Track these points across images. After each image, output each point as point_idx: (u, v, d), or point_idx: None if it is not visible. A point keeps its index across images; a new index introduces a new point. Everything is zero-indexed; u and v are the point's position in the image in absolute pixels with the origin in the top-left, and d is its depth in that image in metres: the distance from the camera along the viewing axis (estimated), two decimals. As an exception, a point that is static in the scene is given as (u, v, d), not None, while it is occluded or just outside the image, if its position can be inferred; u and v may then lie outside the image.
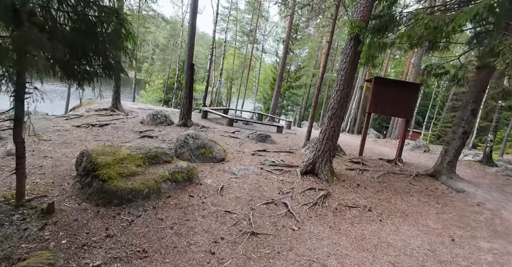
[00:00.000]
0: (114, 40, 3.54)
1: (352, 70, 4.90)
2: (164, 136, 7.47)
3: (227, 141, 7.65)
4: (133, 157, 3.91)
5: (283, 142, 8.84)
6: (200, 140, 5.66)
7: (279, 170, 5.45)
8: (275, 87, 15.45)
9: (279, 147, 7.80)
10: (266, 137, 8.36)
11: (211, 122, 11.08)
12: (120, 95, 10.82)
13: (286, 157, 6.58)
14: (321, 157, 5.24)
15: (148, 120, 8.82)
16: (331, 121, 5.10)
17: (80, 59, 3.33)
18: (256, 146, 7.52)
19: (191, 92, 9.04)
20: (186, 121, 9.03)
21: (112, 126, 7.91)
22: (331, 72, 30.02)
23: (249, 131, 9.33)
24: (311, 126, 7.81)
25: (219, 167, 5.34)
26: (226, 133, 8.75)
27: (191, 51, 8.74)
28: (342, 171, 5.82)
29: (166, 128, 8.52)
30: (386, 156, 8.87)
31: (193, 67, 8.82)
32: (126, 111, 10.74)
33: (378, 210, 4.04)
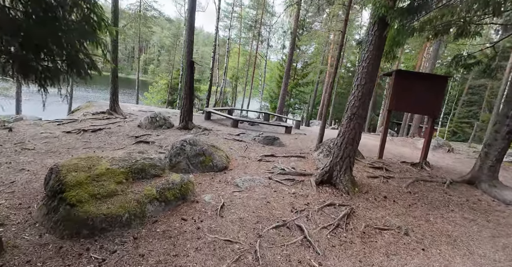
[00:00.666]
0: (82, 29, 2.84)
1: (376, 60, 4.09)
2: (161, 140, 6.80)
3: (230, 145, 6.93)
4: (113, 172, 3.21)
5: (293, 144, 8.06)
6: (198, 146, 4.95)
7: (290, 179, 4.69)
8: (282, 85, 14.66)
9: (288, 151, 7.03)
10: (274, 139, 7.60)
11: (214, 124, 10.38)
12: (118, 97, 10.23)
13: (297, 163, 5.81)
14: (339, 164, 4.45)
15: (146, 123, 8.17)
16: (351, 123, 4.30)
17: (38, 53, 2.65)
18: (263, 150, 6.77)
19: (192, 92, 8.35)
20: (187, 123, 8.35)
21: (106, 131, 7.29)
22: (339, 68, 28.96)
23: (255, 133, 8.59)
24: (323, 127, 7.01)
25: (220, 177, 4.62)
26: (230, 136, 8.02)
27: (191, 48, 8.04)
28: (364, 179, 5.01)
29: (165, 132, 7.85)
30: (408, 158, 7.99)
31: (193, 65, 8.13)
32: (124, 114, 10.15)
33: (417, 234, 3.24)
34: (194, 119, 11.00)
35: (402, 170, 5.93)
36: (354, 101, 4.22)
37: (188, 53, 7.94)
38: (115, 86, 9.97)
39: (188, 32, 7.94)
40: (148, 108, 13.77)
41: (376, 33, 3.98)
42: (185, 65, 8.01)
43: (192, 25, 8.03)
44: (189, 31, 7.92)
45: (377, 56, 4.07)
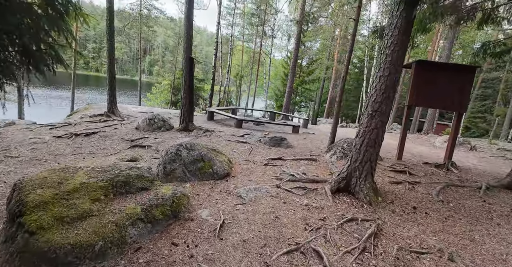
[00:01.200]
0: (43, 14, 2.29)
1: (402, 47, 3.44)
2: (159, 144, 6.26)
3: (234, 148, 6.35)
4: (90, 187, 2.66)
5: (302, 145, 7.44)
6: (196, 151, 4.38)
7: (302, 187, 4.08)
8: (288, 83, 14.01)
9: (297, 153, 6.41)
10: (281, 140, 6.99)
11: (217, 124, 9.82)
12: (116, 99, 9.76)
13: (308, 167, 5.19)
14: (358, 170, 3.83)
15: (144, 125, 7.66)
16: (372, 121, 3.67)
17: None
18: (270, 153, 6.18)
19: (192, 91, 7.80)
20: (187, 125, 7.81)
21: (101, 135, 6.79)
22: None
23: (260, 134, 7.99)
24: (335, 126, 6.37)
25: (221, 186, 4.04)
26: (233, 137, 7.45)
27: (189, 43, 7.48)
28: (386, 186, 4.37)
29: (163, 134, 7.32)
30: (428, 158, 7.29)
31: (192, 61, 7.57)
32: (123, 116, 9.67)
33: (465, 259, 2.60)
34: (197, 120, 10.48)
35: (427, 173, 5.25)
36: (376, 96, 3.59)
37: (186, 48, 7.38)
38: (113, 88, 9.50)
39: (186, 26, 7.38)
40: (150, 109, 13.30)
41: (403, 14, 3.33)
42: (184, 62, 7.47)
43: (190, 18, 7.47)
44: (187, 24, 7.36)
45: (402, 42, 3.42)
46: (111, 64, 9.27)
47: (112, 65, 9.30)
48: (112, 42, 9.20)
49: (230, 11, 22.09)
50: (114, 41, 9.35)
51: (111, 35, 9.12)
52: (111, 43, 9.16)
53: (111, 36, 9.12)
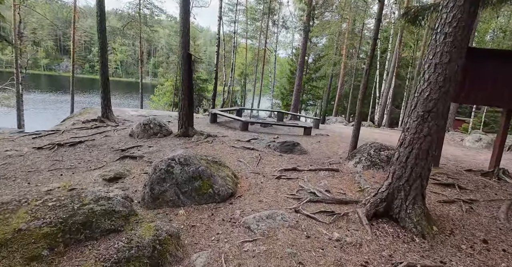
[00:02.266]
0: None
1: (469, 21, 2.49)
2: (153, 154, 5.42)
3: (239, 156, 5.47)
4: (28, 237, 1.81)
5: (317, 150, 6.51)
6: (192, 166, 3.50)
7: (328, 212, 3.17)
8: (296, 80, 13.07)
9: (313, 160, 5.49)
10: (293, 146, 6.07)
11: (221, 127, 8.95)
12: (110, 102, 8.97)
13: (330, 180, 4.27)
14: (404, 190, 2.90)
15: (139, 132, 6.84)
16: (424, 125, 2.73)
17: None
18: (282, 161, 5.27)
19: (191, 91, 6.94)
20: (186, 130, 6.95)
21: (88, 144, 5.99)
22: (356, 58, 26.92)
23: (268, 138, 7.08)
24: (358, 128, 5.41)
25: (224, 212, 3.16)
26: (238, 143, 6.56)
27: (187, 38, 6.62)
28: (436, 207, 3.42)
29: (160, 141, 6.48)
30: (466, 163, 6.28)
31: (190, 58, 6.71)
32: (118, 121, 8.88)
33: None
34: (199, 123, 9.63)
35: (478, 186, 4.27)
36: (430, 91, 2.64)
37: (183, 44, 6.52)
38: (106, 91, 8.72)
39: (183, 18, 6.52)
40: (150, 112, 12.53)
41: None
42: (181, 60, 6.61)
43: (186, 9, 6.60)
44: (183, 17, 6.50)
45: (470, 15, 2.47)
46: (103, 65, 8.48)
47: (104, 66, 8.52)
48: (104, 41, 8.41)
49: (232, 8, 21.19)
50: (106, 40, 8.56)
51: (103, 33, 8.33)
52: (103, 42, 8.37)
53: (103, 35, 8.33)
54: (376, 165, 4.65)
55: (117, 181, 4.01)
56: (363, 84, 5.18)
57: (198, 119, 10.80)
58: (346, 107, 33.48)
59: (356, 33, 28.74)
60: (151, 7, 20.09)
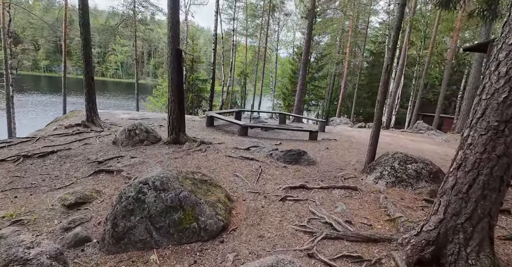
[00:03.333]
0: None
1: None
2: (134, 167, 4.59)
3: (236, 168, 4.63)
4: None
5: (326, 159, 5.66)
6: (171, 192, 2.66)
7: (353, 257, 2.33)
8: (299, 80, 12.22)
9: (324, 173, 4.65)
10: (299, 155, 5.22)
11: (218, 131, 8.12)
12: (96, 105, 8.16)
13: (348, 202, 3.42)
14: (464, 231, 2.05)
15: (122, 139, 6.01)
16: (497, 142, 1.88)
17: None
18: (286, 175, 4.43)
19: (182, 92, 6.10)
20: (177, 136, 6.12)
21: (62, 154, 5.16)
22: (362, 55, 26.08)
23: (270, 144, 6.23)
24: (377, 134, 4.55)
25: (211, 258, 2.32)
26: (236, 151, 5.72)
27: (176, 31, 5.79)
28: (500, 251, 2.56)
29: (146, 150, 5.65)
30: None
31: (180, 55, 5.87)
32: (104, 125, 8.06)
33: None
34: (194, 127, 8.81)
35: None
36: (510, 92, 1.79)
37: (172, 38, 5.68)
38: (91, 92, 7.90)
39: (171, 7, 5.67)
40: (143, 115, 11.70)
41: None
42: (169, 56, 5.78)
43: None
44: (172, 6, 5.65)
45: None
46: (87, 64, 7.66)
47: (88, 65, 7.69)
48: (87, 36, 7.58)
49: (231, 4, 20.33)
50: (90, 36, 7.73)
51: (86, 29, 7.52)
52: (86, 38, 7.55)
53: (86, 30, 7.51)
54: (402, 182, 3.80)
55: (79, 207, 3.18)
56: (383, 82, 4.32)
57: (194, 122, 9.98)
58: (349, 108, 32.62)
59: (359, 30, 27.87)
60: (146, 5, 19.30)
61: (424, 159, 3.98)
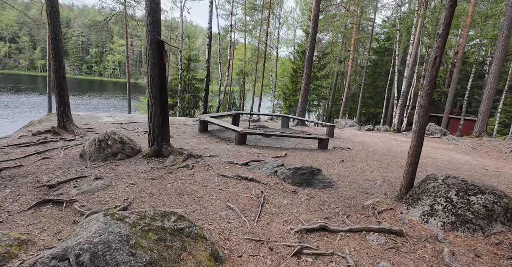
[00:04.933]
0: None
1: None
2: (94, 194, 3.43)
3: (230, 195, 3.48)
4: None
5: (345, 178, 4.51)
6: (110, 273, 1.50)
7: None
8: (303, 78, 11.06)
9: (347, 201, 3.51)
10: (311, 174, 4.08)
11: (211, 139, 6.97)
12: (69, 108, 7.00)
13: (396, 261, 2.27)
14: None
15: (92, 151, 4.85)
16: None
17: None
18: (298, 206, 3.28)
19: (164, 93, 4.95)
20: (159, 147, 4.97)
21: (6, 174, 4.00)
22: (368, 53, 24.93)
23: (274, 159, 5.06)
24: (418, 152, 3.39)
25: None
26: (232, 167, 4.58)
27: (155, 17, 4.63)
28: None
29: (118, 166, 4.50)
30: None
31: (162, 47, 4.71)
32: (79, 132, 6.89)
33: None
34: (186, 132, 7.67)
35: None
36: None
37: (151, 25, 4.53)
38: (62, 93, 6.73)
39: (149, -11, 4.53)
40: (130, 118, 10.53)
41: None
42: (148, 49, 4.63)
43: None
44: (149, -13, 4.50)
45: None
46: (56, 59, 6.49)
47: (58, 61, 6.52)
48: (56, 28, 6.42)
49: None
50: (60, 27, 6.56)
51: (54, 18, 6.36)
52: (55, 29, 6.38)
53: (54, 19, 6.36)
54: (467, 223, 2.65)
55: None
56: (429, 79, 3.18)
57: (186, 127, 8.83)
58: (352, 108, 31.48)
59: (362, 28, 26.73)
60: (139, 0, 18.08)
61: (493, 188, 2.84)
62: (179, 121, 10.43)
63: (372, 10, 22.84)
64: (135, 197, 3.37)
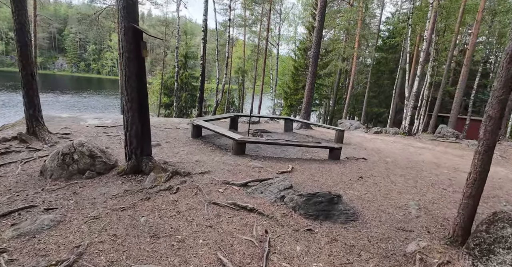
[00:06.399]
0: None
1: None
2: (37, 237, 2.48)
3: (223, 238, 2.54)
4: None
5: (369, 202, 3.58)
6: None
7: None
8: (308, 77, 10.11)
9: (380, 244, 2.57)
10: (330, 203, 3.14)
11: (205, 147, 6.02)
12: (40, 111, 6.03)
13: None
14: None
15: (53, 168, 3.90)
16: None
17: None
18: (317, 256, 2.34)
19: (144, 95, 4.00)
20: (138, 162, 4.03)
21: None
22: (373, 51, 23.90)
23: (278, 174, 4.11)
24: (483, 179, 2.47)
25: None
26: (226, 190, 3.63)
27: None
28: None
29: (83, 189, 3.56)
30: None
31: (139, 37, 3.75)
32: (50, 139, 5.92)
33: None
34: (177, 138, 6.72)
35: None
36: None
37: (125, 9, 3.56)
38: (31, 93, 5.76)
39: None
40: (118, 120, 9.52)
41: None
42: (122, 39, 3.68)
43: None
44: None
45: None
46: (23, 55, 5.50)
47: (25, 57, 5.54)
48: (22, 17, 5.43)
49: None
50: (27, 16, 5.57)
51: (19, 6, 5.37)
52: (20, 20, 5.40)
53: (19, 8, 5.37)
54: None
55: None
56: (504, 80, 2.24)
57: (178, 131, 7.86)
58: (355, 108, 30.52)
59: (367, 24, 25.73)
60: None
61: None
62: (172, 123, 9.46)
63: (378, 5, 21.84)
64: (92, 242, 2.43)
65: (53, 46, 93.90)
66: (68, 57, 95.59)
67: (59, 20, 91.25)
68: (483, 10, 17.75)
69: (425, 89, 13.75)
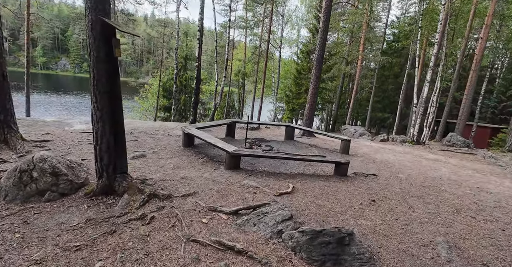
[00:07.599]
0: None
1: None
2: None
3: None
4: None
5: (385, 239, 2.91)
6: None
7: None
8: (312, 81, 9.48)
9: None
10: (340, 244, 2.47)
11: (196, 158, 5.38)
12: (13, 116, 5.42)
13: None
14: None
15: (9, 187, 3.26)
16: None
17: None
18: None
19: (116, 99, 3.37)
20: (111, 181, 3.39)
21: None
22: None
23: (276, 197, 3.44)
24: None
25: None
26: (212, 218, 2.97)
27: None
28: None
29: (38, 215, 2.92)
30: None
31: (110, 33, 3.13)
32: (22, 148, 5.29)
33: None
34: (167, 147, 6.09)
35: None
36: None
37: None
38: (2, 98, 5.15)
39: None
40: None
41: None
42: (89, 36, 3.07)
43: None
44: None
45: None
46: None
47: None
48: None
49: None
50: None
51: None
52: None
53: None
54: None
55: None
56: None
57: (169, 138, 7.23)
58: (358, 112, 29.84)
59: (371, 26, 25.15)
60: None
61: None
62: (166, 129, 8.85)
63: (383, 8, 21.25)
64: (17, 306, 1.78)
65: (56, 46, 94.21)
66: (71, 58, 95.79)
67: (63, 21, 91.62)
68: (493, 13, 17.13)
69: (434, 95, 13.07)
